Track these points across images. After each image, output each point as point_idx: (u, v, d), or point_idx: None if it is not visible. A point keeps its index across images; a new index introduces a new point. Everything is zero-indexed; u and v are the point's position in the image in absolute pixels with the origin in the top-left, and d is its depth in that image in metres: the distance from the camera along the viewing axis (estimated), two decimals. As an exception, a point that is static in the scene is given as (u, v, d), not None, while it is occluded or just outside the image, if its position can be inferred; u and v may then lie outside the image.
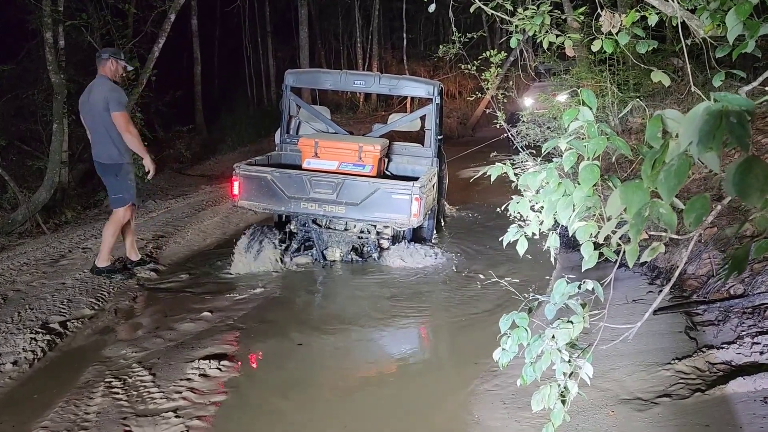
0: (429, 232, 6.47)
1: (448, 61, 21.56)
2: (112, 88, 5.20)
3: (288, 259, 5.88)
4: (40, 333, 4.22)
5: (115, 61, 5.31)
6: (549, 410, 2.14)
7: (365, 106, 20.34)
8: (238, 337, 4.25)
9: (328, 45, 24.81)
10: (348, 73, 6.49)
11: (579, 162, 1.91)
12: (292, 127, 6.81)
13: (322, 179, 5.46)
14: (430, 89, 6.31)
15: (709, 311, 3.63)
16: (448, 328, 4.45)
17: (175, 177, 11.86)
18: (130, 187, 5.39)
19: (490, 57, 7.71)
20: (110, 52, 5.34)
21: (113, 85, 5.24)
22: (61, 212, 8.02)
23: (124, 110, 5.16)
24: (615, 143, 1.74)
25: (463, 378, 3.54)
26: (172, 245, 6.71)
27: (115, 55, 5.33)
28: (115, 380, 3.59)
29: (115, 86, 5.25)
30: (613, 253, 2.12)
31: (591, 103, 1.86)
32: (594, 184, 1.74)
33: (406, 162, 6.54)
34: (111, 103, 5.10)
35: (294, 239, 6.01)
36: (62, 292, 5.06)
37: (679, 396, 2.82)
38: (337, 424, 3.16)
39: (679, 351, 3.29)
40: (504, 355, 2.47)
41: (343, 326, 4.49)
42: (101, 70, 5.28)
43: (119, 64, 5.34)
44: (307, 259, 5.99)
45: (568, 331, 1.95)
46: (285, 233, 6.06)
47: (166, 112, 14.03)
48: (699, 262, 4.14)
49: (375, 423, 3.18)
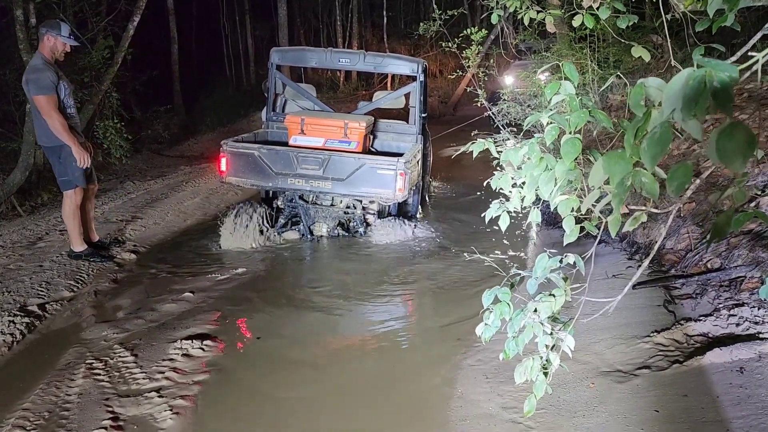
0: (414, 207, 6.56)
1: (429, 39, 21.48)
2: (35, 68, 4.80)
3: (275, 235, 5.96)
4: (19, 316, 4.16)
5: (52, 36, 4.85)
6: (531, 383, 2.16)
7: (345, 86, 20.20)
8: (220, 317, 4.22)
9: (308, 23, 24.52)
10: (333, 51, 6.52)
11: (560, 137, 1.92)
12: (278, 105, 6.83)
13: (309, 155, 5.51)
14: (415, 67, 6.37)
15: (687, 285, 3.68)
16: (431, 304, 4.49)
17: (154, 158, 11.72)
18: (75, 169, 5.04)
19: (472, 35, 7.67)
20: (48, 27, 4.89)
21: (39, 65, 4.81)
22: (37, 194, 7.89)
23: (45, 93, 4.75)
24: (597, 116, 1.75)
25: (446, 353, 3.56)
26: (152, 227, 6.64)
27: (53, 30, 4.86)
28: (97, 362, 3.56)
29: (40, 66, 4.81)
30: (594, 227, 2.13)
31: (573, 78, 1.85)
32: (575, 158, 1.75)
33: (391, 139, 6.64)
34: (31, 86, 4.76)
35: (281, 215, 6.09)
36: (40, 274, 4.98)
37: (658, 368, 2.87)
38: (320, 399, 3.18)
39: (658, 324, 3.34)
40: (486, 330, 2.49)
41: (326, 304, 4.49)
42: (40, 47, 4.91)
43: (57, 39, 4.87)
44: (295, 235, 6.08)
45: (550, 304, 1.97)
46: (272, 209, 6.13)
47: (143, 92, 13.81)
48: (677, 237, 4.19)
49: (358, 397, 3.20)
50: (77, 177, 5.12)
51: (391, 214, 6.26)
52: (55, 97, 4.87)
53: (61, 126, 4.89)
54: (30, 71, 4.85)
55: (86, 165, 5.08)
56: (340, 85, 20.05)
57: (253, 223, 5.83)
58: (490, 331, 2.48)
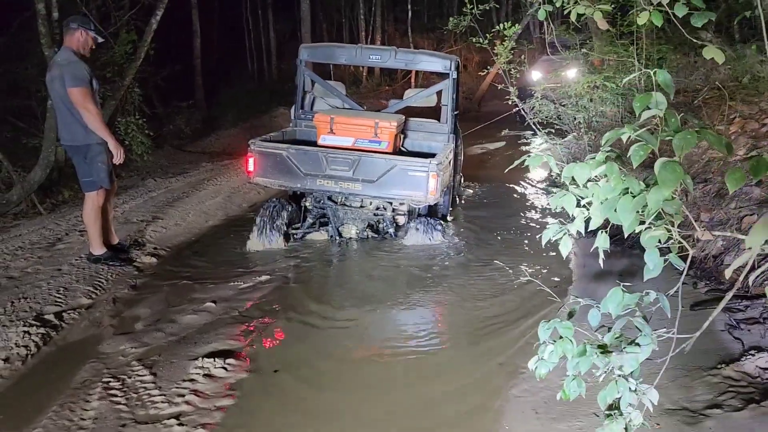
0: (445, 208, 6.36)
1: (453, 34, 21.10)
2: (70, 61, 4.71)
3: (302, 236, 5.90)
4: (35, 325, 3.97)
5: (84, 31, 4.81)
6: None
7: (369, 81, 19.92)
8: (244, 331, 3.99)
9: (330, 18, 24.24)
10: (363, 48, 6.39)
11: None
12: (306, 102, 6.67)
13: (339, 156, 5.37)
14: (447, 64, 6.16)
15: (752, 308, 3.37)
16: (466, 321, 4.15)
17: (175, 154, 11.55)
18: (101, 170, 4.92)
19: (504, 30, 7.36)
20: (79, 22, 4.84)
21: (72, 58, 4.73)
22: (58, 192, 7.75)
23: (82, 85, 4.65)
24: (709, 139, 1.45)
25: (487, 380, 3.28)
26: (173, 228, 6.44)
27: (85, 25, 4.83)
28: (114, 380, 3.35)
29: (75, 59, 4.74)
30: (680, 261, 1.85)
31: (668, 88, 1.56)
32: (675, 187, 1.46)
33: (422, 138, 6.45)
34: (66, 77, 4.63)
35: (309, 216, 5.98)
36: (58, 279, 4.80)
37: (731, 407, 2.57)
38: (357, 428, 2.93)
39: (724, 354, 3.04)
40: (542, 365, 2.24)
41: (353, 317, 4.24)
42: (67, 42, 4.81)
43: (89, 35, 4.85)
44: (323, 236, 5.96)
45: (636, 356, 1.68)
46: (300, 210, 6.03)
47: (164, 87, 13.67)
48: (737, 253, 3.86)
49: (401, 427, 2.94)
50: (102, 178, 4.97)
51: (421, 214, 6.06)
52: (90, 90, 4.76)
53: (99, 118, 4.78)
54: (63, 64, 4.70)
55: (121, 161, 4.98)
56: (363, 80, 19.76)
57: (281, 223, 5.73)
58: (545, 366, 2.23)
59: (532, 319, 4.04)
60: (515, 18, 16.26)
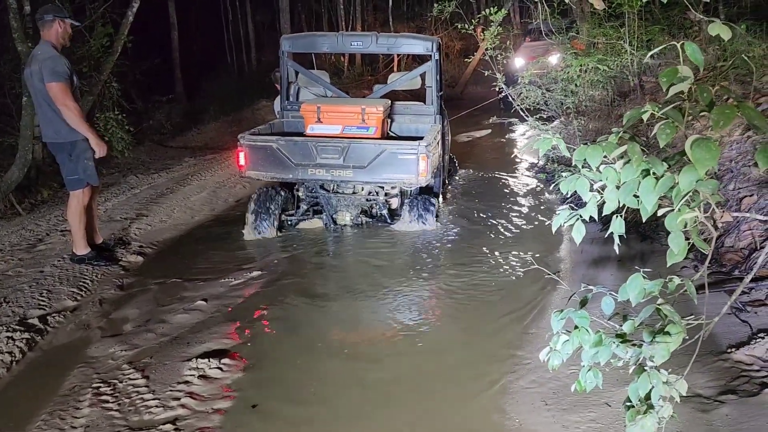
0: (437, 188, 6.37)
1: (433, 22, 20.95)
2: (49, 56, 4.51)
3: (296, 224, 5.96)
4: (18, 330, 3.81)
5: (61, 21, 4.60)
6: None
7: (350, 71, 19.69)
8: (237, 329, 3.86)
9: (309, 8, 23.92)
10: (345, 35, 6.36)
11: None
12: (291, 93, 6.59)
13: (328, 144, 5.36)
14: (429, 45, 6.13)
15: (757, 289, 3.32)
16: (467, 313, 4.04)
17: (156, 149, 11.32)
18: (88, 167, 4.77)
19: (490, 15, 7.27)
20: (53, 12, 4.61)
21: (52, 52, 4.54)
22: (37, 191, 7.52)
23: (61, 81, 4.46)
24: (747, 113, 1.35)
25: (493, 373, 3.18)
26: (158, 225, 6.28)
27: (59, 15, 4.62)
28: (104, 385, 3.21)
29: (54, 54, 4.54)
30: (705, 245, 1.76)
31: (697, 61, 1.47)
32: (711, 166, 1.37)
33: (408, 121, 6.45)
34: (45, 72, 4.44)
35: (302, 204, 6.00)
36: (41, 281, 4.64)
37: (746, 392, 2.52)
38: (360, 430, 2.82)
39: (731, 337, 2.98)
40: (554, 356, 2.16)
41: (350, 309, 4.14)
42: (45, 35, 4.60)
43: (66, 23, 4.65)
44: (318, 224, 5.97)
45: (667, 346, 1.59)
46: (293, 196, 6.05)
47: (144, 82, 13.36)
48: (738, 234, 3.81)
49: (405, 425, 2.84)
50: (90, 174, 4.82)
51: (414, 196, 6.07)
52: (69, 86, 4.58)
53: (78, 115, 4.61)
54: (43, 58, 4.51)
55: (103, 154, 4.85)
56: (344, 70, 19.52)
57: (275, 210, 5.74)
58: (558, 357, 2.15)
59: (533, 306, 3.96)
60: (495, 5, 16.16)
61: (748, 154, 4.29)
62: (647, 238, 4.75)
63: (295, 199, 6.06)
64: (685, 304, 3.13)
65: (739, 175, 4.17)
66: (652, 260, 4.42)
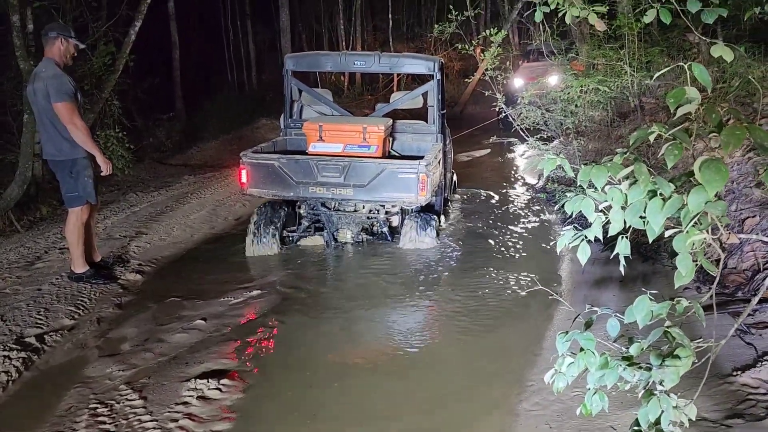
0: (438, 206, 6.37)
1: (433, 42, 21.12)
2: (54, 74, 4.51)
3: (297, 240, 5.98)
4: (15, 349, 3.77)
5: (64, 39, 4.61)
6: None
7: (350, 91, 19.82)
8: (237, 348, 3.82)
9: (309, 28, 24.14)
10: (348, 54, 6.46)
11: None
12: (294, 111, 6.66)
13: (329, 163, 5.39)
14: (431, 65, 6.19)
15: (761, 311, 3.29)
16: (468, 334, 4.00)
17: (156, 167, 11.31)
18: (87, 184, 4.76)
19: (491, 36, 7.33)
20: (58, 29, 4.64)
21: (56, 71, 4.54)
22: (36, 208, 7.50)
23: (68, 100, 4.47)
24: (756, 135, 1.35)
25: (496, 395, 3.14)
26: (157, 243, 6.25)
27: (64, 33, 4.63)
28: (101, 406, 3.16)
29: (58, 72, 4.54)
30: (713, 267, 1.75)
31: (705, 82, 1.47)
32: (720, 188, 1.36)
33: (410, 140, 6.48)
34: (51, 91, 4.44)
35: (303, 221, 6.03)
36: (38, 299, 4.59)
37: (753, 416, 2.48)
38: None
39: (737, 360, 2.95)
40: (560, 379, 2.12)
41: (351, 332, 4.10)
42: (48, 52, 4.61)
43: (69, 42, 4.65)
44: (319, 242, 5.97)
45: (677, 369, 1.57)
46: (294, 212, 6.10)
47: (144, 100, 13.42)
48: (741, 255, 3.80)
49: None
50: (89, 192, 4.81)
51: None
52: (76, 104, 4.60)
53: (86, 133, 4.63)
54: (47, 77, 4.52)
55: (109, 172, 4.84)
56: (344, 90, 19.64)
57: (276, 226, 5.77)
58: (563, 380, 2.12)
59: (536, 327, 3.93)
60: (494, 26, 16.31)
61: (749, 175, 4.29)
62: (649, 258, 4.74)
63: (296, 216, 6.09)
64: (687, 326, 3.10)
65: (740, 196, 4.17)
66: (654, 281, 4.40)
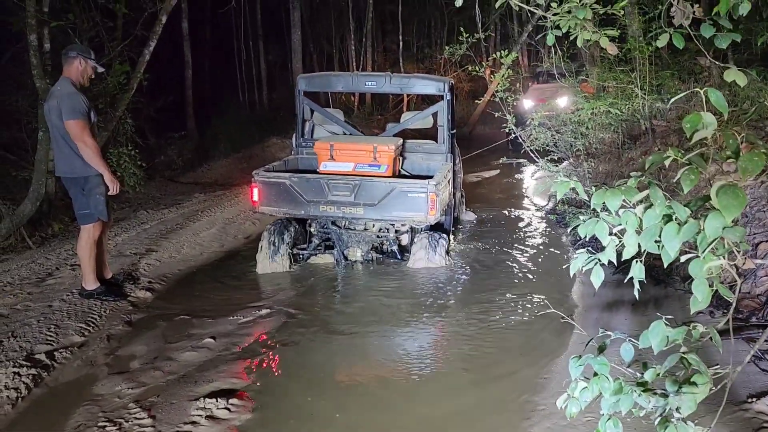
0: (448, 225, 6.42)
1: (442, 64, 21.28)
2: (69, 93, 4.59)
3: (308, 258, 6.05)
4: (25, 366, 3.78)
5: (83, 60, 4.71)
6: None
7: (360, 111, 19.93)
8: (246, 368, 3.81)
9: (320, 48, 24.38)
10: (359, 75, 6.56)
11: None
12: (306, 130, 6.75)
13: (340, 181, 5.47)
14: (441, 86, 6.28)
15: (776, 337, 3.25)
16: (478, 357, 3.98)
17: (167, 185, 11.39)
18: (99, 202, 4.80)
19: (501, 57, 7.36)
20: (78, 50, 4.75)
21: (71, 90, 4.62)
22: (48, 225, 7.55)
23: (79, 118, 4.54)
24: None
25: (506, 420, 3.11)
26: (168, 260, 6.27)
27: (84, 54, 4.73)
28: (110, 424, 3.16)
29: (73, 91, 4.62)
30: (730, 292, 1.73)
31: (721, 108, 1.47)
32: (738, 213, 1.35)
33: (420, 159, 6.54)
34: (64, 109, 4.52)
35: (314, 239, 6.10)
36: (49, 316, 4.61)
37: (770, 445, 2.44)
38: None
39: (752, 387, 2.91)
40: (572, 404, 2.10)
41: (361, 353, 4.08)
42: (66, 71, 4.70)
43: (88, 63, 4.75)
44: (329, 260, 6.04)
45: (694, 396, 1.55)
46: (305, 230, 6.17)
47: (157, 118, 13.56)
48: (755, 280, 3.76)
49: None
50: (101, 210, 4.85)
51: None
52: (88, 123, 4.66)
53: (95, 152, 4.68)
54: (61, 95, 4.59)
55: (116, 192, 4.90)
56: (355, 109, 19.77)
57: (287, 243, 5.84)
58: (576, 405, 2.09)
59: (547, 350, 3.90)
60: (504, 48, 16.43)
61: (762, 199, 4.27)
62: (661, 282, 4.70)
63: (307, 234, 6.14)
64: (700, 351, 3.07)
65: (754, 220, 4.15)
66: (666, 305, 4.37)
